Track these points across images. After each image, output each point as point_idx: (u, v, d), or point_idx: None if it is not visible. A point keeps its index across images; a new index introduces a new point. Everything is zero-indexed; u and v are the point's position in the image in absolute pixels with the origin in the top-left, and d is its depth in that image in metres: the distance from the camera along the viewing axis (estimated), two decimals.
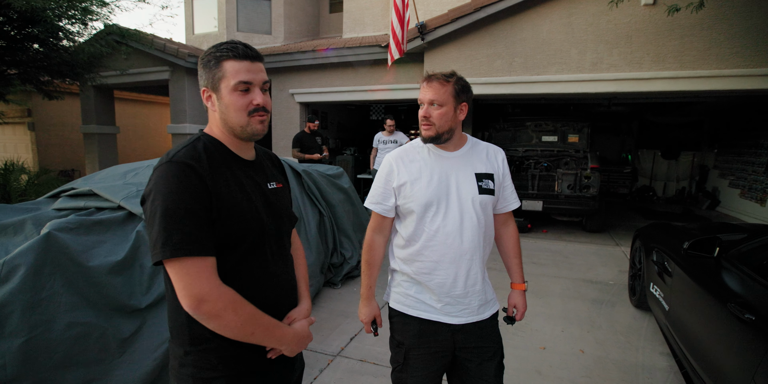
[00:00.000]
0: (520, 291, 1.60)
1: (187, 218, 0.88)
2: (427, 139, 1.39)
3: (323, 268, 3.76)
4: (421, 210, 1.39)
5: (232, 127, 1.02)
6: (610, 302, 3.62)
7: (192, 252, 0.88)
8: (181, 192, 0.89)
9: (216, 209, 0.93)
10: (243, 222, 0.99)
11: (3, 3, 4.59)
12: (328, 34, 10.57)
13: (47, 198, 2.75)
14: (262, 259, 1.05)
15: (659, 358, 2.71)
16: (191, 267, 0.88)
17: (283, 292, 1.12)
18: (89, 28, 6.15)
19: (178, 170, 0.91)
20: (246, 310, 0.94)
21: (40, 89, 6.92)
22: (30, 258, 1.74)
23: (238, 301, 0.93)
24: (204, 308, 0.89)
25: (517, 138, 6.74)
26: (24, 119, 11.12)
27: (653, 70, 4.91)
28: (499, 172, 1.48)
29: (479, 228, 1.41)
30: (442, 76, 1.36)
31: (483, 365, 1.42)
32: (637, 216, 7.78)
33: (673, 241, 2.90)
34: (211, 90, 1.00)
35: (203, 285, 0.89)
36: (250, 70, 0.99)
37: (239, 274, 1.00)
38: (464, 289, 1.40)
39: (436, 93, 1.35)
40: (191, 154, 0.95)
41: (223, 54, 0.98)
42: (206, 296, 0.89)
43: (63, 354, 1.71)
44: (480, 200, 1.39)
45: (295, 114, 7.79)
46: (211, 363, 0.99)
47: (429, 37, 5.80)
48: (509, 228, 1.61)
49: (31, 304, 1.68)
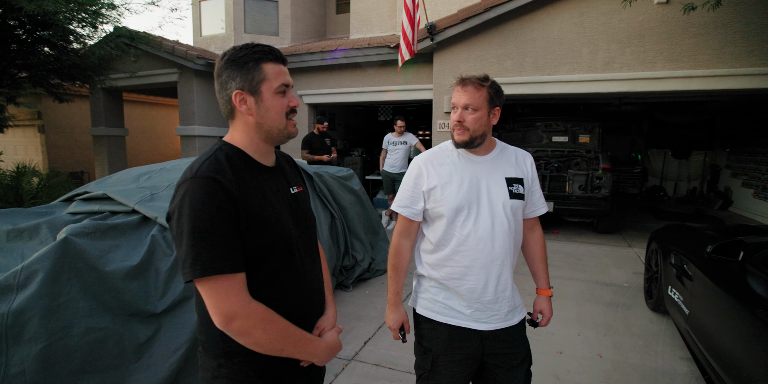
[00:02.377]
0: (546, 297, 1.59)
1: (216, 236, 0.87)
2: (460, 144, 1.37)
3: (335, 270, 3.74)
4: (451, 214, 1.37)
5: (269, 130, 1.00)
6: (626, 305, 3.57)
7: (221, 270, 0.87)
8: (208, 209, 0.87)
9: (245, 221, 0.92)
10: (270, 232, 0.97)
11: (15, 7, 4.61)
12: (335, 35, 10.56)
13: (61, 202, 2.75)
14: (293, 268, 1.04)
15: (680, 363, 2.66)
16: (221, 285, 0.87)
17: (315, 301, 1.12)
18: (99, 31, 6.18)
19: (203, 186, 0.88)
20: (276, 326, 0.94)
21: (51, 92, 6.97)
22: (48, 263, 1.73)
23: (267, 318, 0.92)
24: (234, 326, 0.89)
25: (526, 138, 6.68)
26: (34, 122, 11.23)
27: (666, 70, 4.84)
28: (529, 177, 1.47)
29: (510, 233, 1.39)
30: (476, 79, 1.34)
31: (511, 372, 1.40)
32: (648, 216, 7.69)
33: (692, 243, 2.85)
34: (249, 93, 0.96)
35: (233, 303, 0.88)
36: (286, 73, 1.01)
37: (271, 286, 0.99)
38: (495, 294, 1.39)
39: (471, 97, 1.33)
40: (215, 167, 0.92)
41: (262, 56, 0.96)
42: (235, 314, 0.88)
43: (81, 360, 1.70)
44: (511, 205, 1.38)
45: (304, 115, 7.79)
46: (247, 375, 0.98)
47: (438, 37, 5.76)
48: (536, 233, 1.60)
49: (50, 309, 1.67)
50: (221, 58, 0.98)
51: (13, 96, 7.55)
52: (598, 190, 5.72)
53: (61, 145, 11.36)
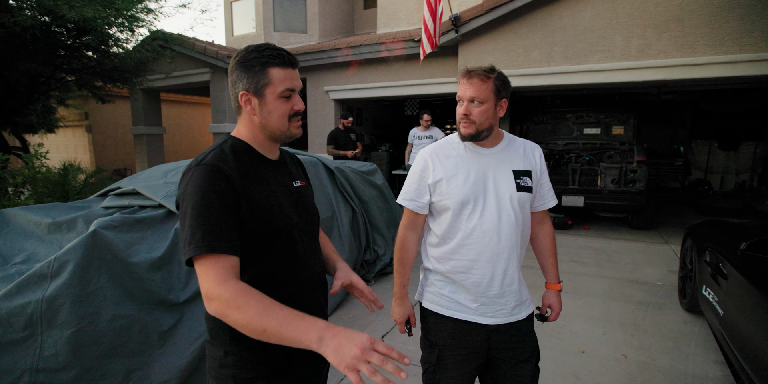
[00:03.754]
0: (555, 291, 1.56)
1: (211, 218, 0.90)
2: (467, 138, 1.35)
3: (356, 264, 3.78)
4: (457, 207, 1.36)
5: (272, 132, 1.04)
6: (658, 304, 3.41)
7: (210, 249, 0.88)
8: (208, 193, 0.91)
9: (246, 209, 0.95)
10: (272, 221, 1.00)
11: (58, 15, 4.91)
12: (363, 30, 10.57)
13: (97, 197, 2.93)
14: (295, 255, 1.07)
15: (712, 367, 2.52)
16: (206, 265, 0.89)
17: (317, 286, 1.15)
18: (136, 35, 6.49)
19: (206, 173, 0.93)
20: (252, 305, 0.84)
21: (94, 94, 7.40)
22: (78, 254, 1.85)
23: (240, 297, 0.85)
24: (212, 307, 0.88)
25: (557, 131, 6.47)
26: (82, 122, 11.98)
27: (708, 55, 4.53)
28: (537, 169, 1.44)
29: (517, 226, 1.37)
30: (482, 71, 1.31)
31: (518, 367, 1.38)
32: (689, 212, 7.28)
33: (729, 240, 2.68)
34: (253, 94, 1.00)
35: (211, 283, 0.87)
36: (294, 78, 1.03)
37: (276, 274, 1.03)
38: (501, 289, 1.37)
39: (476, 90, 1.30)
40: (219, 156, 0.97)
41: (269, 60, 0.99)
42: (212, 294, 0.87)
43: (108, 345, 1.81)
44: (518, 198, 1.36)
45: (330, 111, 7.87)
46: (252, 363, 1.00)
47: (463, 29, 5.65)
48: (545, 226, 1.57)
49: (80, 297, 1.79)
50: (233, 58, 1.02)
51: (63, 98, 8.09)
52: (632, 183, 5.47)
53: (107, 144, 12.06)
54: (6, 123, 7.11)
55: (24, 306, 1.70)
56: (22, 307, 1.69)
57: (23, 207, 2.52)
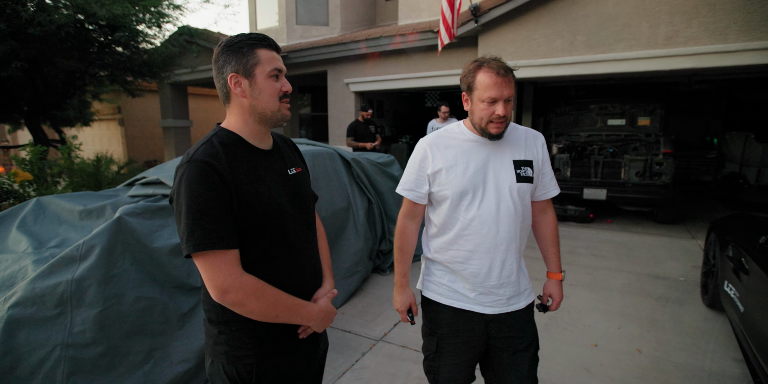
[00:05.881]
0: (556, 280, 1.56)
1: (208, 215, 0.94)
2: (495, 136, 1.34)
3: (372, 254, 3.85)
4: (456, 198, 1.36)
5: (263, 112, 1.06)
6: (679, 300, 3.33)
7: (212, 246, 0.93)
8: (201, 190, 0.94)
9: (237, 201, 0.98)
10: (263, 211, 1.03)
11: (90, 12, 5.13)
12: (384, 21, 10.52)
13: (125, 186, 3.08)
14: (288, 244, 1.10)
15: (731, 365, 2.46)
16: (213, 260, 0.95)
17: (309, 273, 1.18)
18: (163, 30, 6.69)
19: (198, 169, 0.95)
20: (268, 295, 1.01)
21: (126, 88, 7.70)
22: (104, 239, 1.97)
23: (259, 288, 0.99)
24: (228, 298, 0.96)
25: (579, 122, 6.31)
26: (115, 116, 12.48)
27: (741, 41, 4.31)
28: (539, 159, 1.43)
29: (516, 217, 1.36)
30: (510, 68, 1.32)
31: (516, 356, 1.40)
32: (720, 206, 6.98)
33: (753, 234, 2.58)
34: (243, 76, 1.03)
35: (226, 277, 0.95)
36: (280, 60, 1.07)
37: (267, 261, 1.06)
38: (498, 280, 1.38)
39: (512, 89, 1.31)
40: (209, 151, 0.99)
41: (256, 42, 1.03)
42: (229, 287, 0.95)
43: (131, 324, 1.93)
44: (518, 189, 1.35)
45: (351, 103, 7.92)
46: (243, 342, 1.06)
47: (483, 19, 5.56)
48: (547, 215, 1.56)
49: (105, 278, 1.92)
50: (218, 46, 1.05)
51: (97, 93, 8.45)
52: (657, 176, 5.30)
53: (138, 136, 12.54)
54: (46, 117, 7.50)
55: (56, 286, 1.83)
56: (54, 287, 1.83)
57: (58, 195, 2.69)
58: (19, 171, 4.10)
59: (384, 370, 2.43)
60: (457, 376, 1.46)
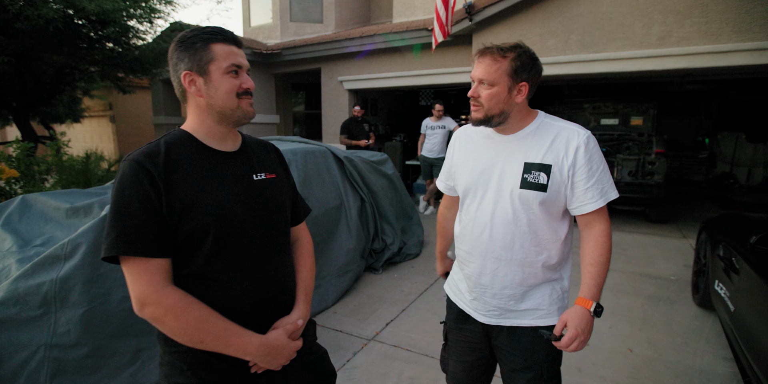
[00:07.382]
0: (580, 308, 1.20)
1: (127, 218, 0.87)
2: (476, 122, 1.22)
3: (364, 253, 3.82)
4: (462, 195, 1.34)
5: (221, 111, 0.98)
6: (670, 299, 3.35)
7: (126, 251, 0.86)
8: (127, 191, 0.88)
9: (167, 205, 0.90)
10: (202, 217, 0.93)
11: (79, 7, 5.04)
12: (379, 19, 10.48)
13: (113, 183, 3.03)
14: (237, 256, 0.98)
15: (721, 364, 2.47)
16: (134, 268, 0.87)
17: (268, 295, 1.03)
18: (154, 26, 6.60)
19: (129, 168, 0.89)
20: (191, 315, 0.88)
21: (116, 84, 7.60)
22: (90, 237, 1.93)
23: (180, 306, 0.88)
24: (146, 312, 0.88)
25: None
26: (106, 112, 12.34)
27: (734, 42, 4.33)
28: (564, 165, 1.17)
29: (515, 226, 1.21)
30: (497, 50, 1.16)
31: (512, 375, 1.33)
32: (712, 206, 7.04)
33: (743, 234, 2.60)
34: (197, 73, 0.96)
35: (144, 288, 0.86)
36: (239, 54, 0.98)
37: (209, 274, 0.95)
38: (491, 289, 1.29)
39: (486, 70, 1.15)
40: (149, 150, 0.93)
41: (211, 37, 0.95)
42: (146, 300, 0.87)
43: (117, 325, 1.90)
44: (519, 195, 1.19)
45: (344, 101, 7.88)
46: (181, 368, 0.95)
47: (477, 17, 5.54)
48: (593, 230, 1.26)
49: (91, 278, 1.88)
50: (173, 42, 0.99)
51: (88, 89, 8.33)
52: (650, 176, 5.33)
53: (130, 133, 12.40)
54: (35, 113, 7.38)
55: (39, 285, 1.79)
56: (38, 287, 1.79)
57: (44, 192, 2.64)
58: (5, 168, 4.02)
59: (376, 369, 2.41)
60: (463, 374, 1.44)
